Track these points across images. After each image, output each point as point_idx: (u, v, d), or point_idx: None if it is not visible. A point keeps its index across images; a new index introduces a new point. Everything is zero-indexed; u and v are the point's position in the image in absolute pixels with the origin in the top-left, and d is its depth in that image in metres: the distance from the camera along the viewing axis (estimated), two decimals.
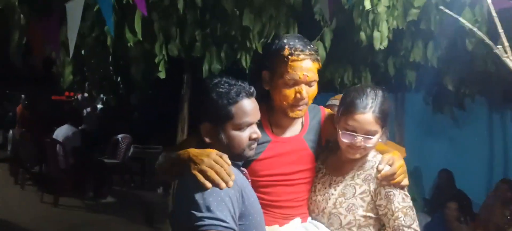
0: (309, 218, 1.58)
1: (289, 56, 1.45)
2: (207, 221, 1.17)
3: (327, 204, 1.53)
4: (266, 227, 1.41)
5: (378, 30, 2.24)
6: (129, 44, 2.22)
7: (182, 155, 1.30)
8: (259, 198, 1.41)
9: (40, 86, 8.88)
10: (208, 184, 1.21)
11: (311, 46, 1.50)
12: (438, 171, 5.45)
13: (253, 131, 1.34)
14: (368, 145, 1.47)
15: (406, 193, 1.50)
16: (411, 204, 1.49)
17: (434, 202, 5.18)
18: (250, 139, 1.34)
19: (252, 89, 1.35)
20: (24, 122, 7.24)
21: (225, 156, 1.28)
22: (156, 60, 2.52)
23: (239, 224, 1.25)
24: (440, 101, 4.55)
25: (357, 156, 1.51)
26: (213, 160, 1.24)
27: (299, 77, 1.45)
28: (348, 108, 1.47)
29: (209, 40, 2.61)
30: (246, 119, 1.31)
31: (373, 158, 1.54)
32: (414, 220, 1.47)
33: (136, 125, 8.03)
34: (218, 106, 1.30)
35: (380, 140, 1.53)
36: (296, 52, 1.45)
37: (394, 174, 1.45)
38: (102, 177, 6.02)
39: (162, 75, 2.60)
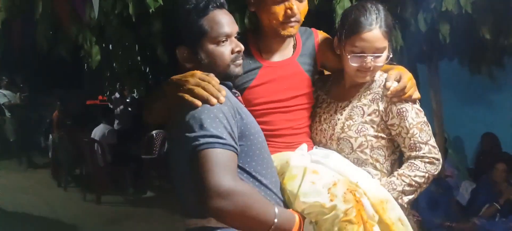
0: (315, 147, 1.48)
1: None
2: (202, 140, 1.06)
3: (334, 130, 1.44)
4: (275, 155, 1.33)
5: None
6: (150, 11, 2.21)
7: (166, 85, 1.20)
8: None
9: (74, 92, 9.20)
10: (198, 102, 1.11)
11: None
12: (480, 137, 5.21)
13: (235, 44, 1.23)
14: (378, 64, 1.39)
15: (419, 107, 1.42)
16: (425, 119, 1.41)
17: (479, 168, 4.94)
18: (232, 52, 1.23)
19: (223, 0, 1.23)
20: (61, 126, 7.47)
21: (211, 74, 1.18)
22: None
23: (240, 145, 1.13)
24: (477, 60, 4.31)
25: (368, 78, 1.43)
26: (199, 78, 1.15)
27: None
28: (353, 29, 1.36)
29: (232, 6, 2.56)
30: (222, 30, 1.20)
31: (379, 77, 1.46)
32: (431, 136, 1.40)
33: None
34: (189, 23, 1.19)
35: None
36: None
37: (404, 88, 1.37)
38: (140, 172, 6.13)
39: None
